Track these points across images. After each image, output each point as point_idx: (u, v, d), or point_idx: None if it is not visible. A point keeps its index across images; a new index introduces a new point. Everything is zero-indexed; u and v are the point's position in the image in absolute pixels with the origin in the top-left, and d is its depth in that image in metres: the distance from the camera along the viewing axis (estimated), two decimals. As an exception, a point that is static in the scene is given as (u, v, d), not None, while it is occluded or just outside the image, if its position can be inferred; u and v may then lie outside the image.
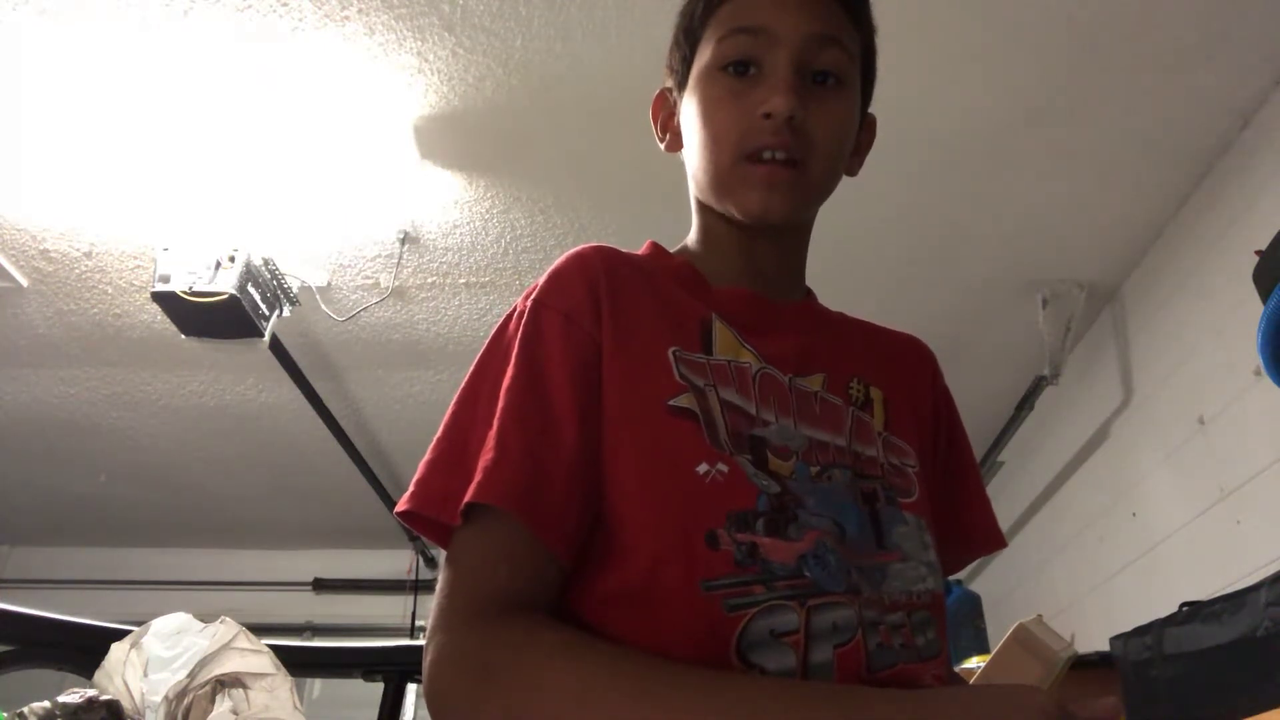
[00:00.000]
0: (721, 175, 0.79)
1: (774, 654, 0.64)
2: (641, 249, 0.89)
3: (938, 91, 2.15)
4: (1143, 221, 2.56)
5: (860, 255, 2.66)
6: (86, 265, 2.80)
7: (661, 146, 0.91)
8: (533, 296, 0.75)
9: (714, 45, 0.81)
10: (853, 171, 0.90)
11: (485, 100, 2.20)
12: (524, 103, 2.21)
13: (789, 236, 0.86)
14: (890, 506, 0.76)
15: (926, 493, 0.81)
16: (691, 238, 0.90)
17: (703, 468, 0.67)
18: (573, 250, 0.79)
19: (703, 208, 0.87)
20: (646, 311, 0.76)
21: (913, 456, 0.81)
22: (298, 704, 0.96)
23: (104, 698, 0.88)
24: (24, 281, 2.85)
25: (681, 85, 0.86)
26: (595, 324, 0.73)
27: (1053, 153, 2.34)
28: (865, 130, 0.92)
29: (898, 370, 0.88)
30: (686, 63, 0.85)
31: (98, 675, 0.95)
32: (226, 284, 2.45)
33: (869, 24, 0.89)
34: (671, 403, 0.70)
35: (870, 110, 0.94)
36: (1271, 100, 2.14)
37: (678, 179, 0.91)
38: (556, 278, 0.76)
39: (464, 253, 2.75)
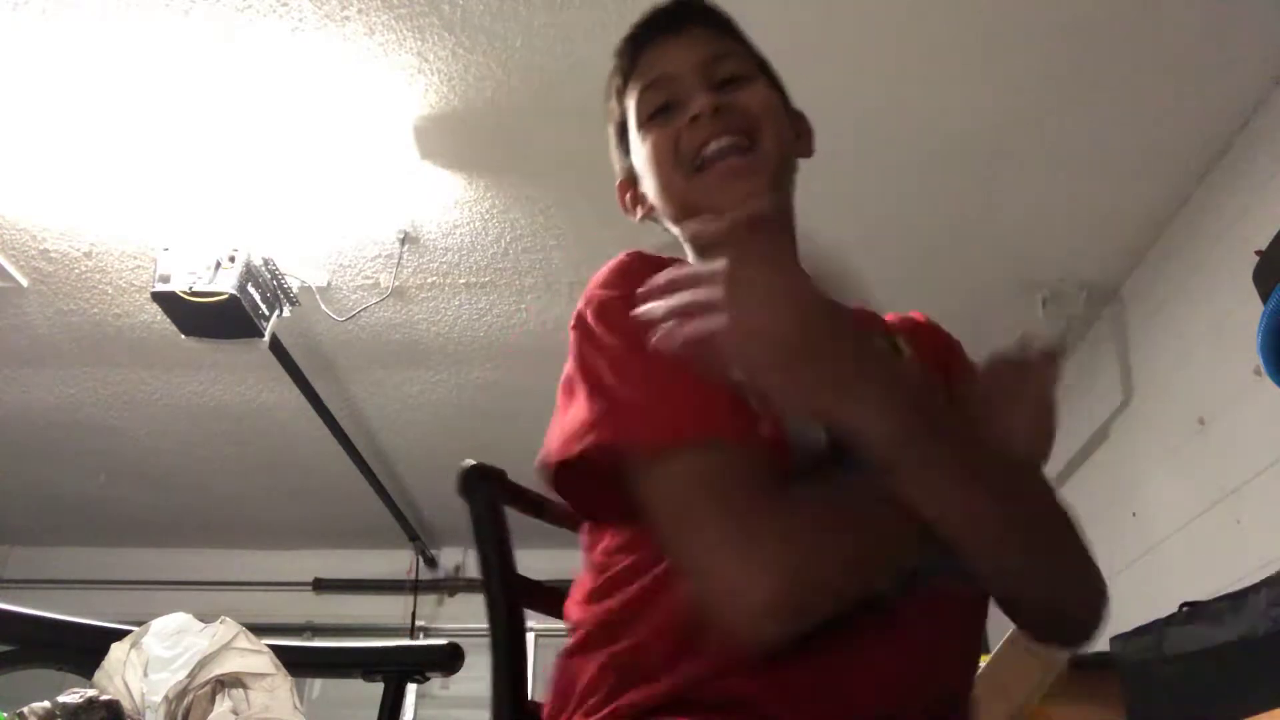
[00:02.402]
0: (684, 195, 0.86)
1: None
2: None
3: (938, 91, 2.15)
4: (1143, 221, 2.56)
5: (860, 256, 2.65)
6: (86, 265, 2.80)
7: (636, 221, 0.96)
8: (595, 289, 0.81)
9: (635, 112, 0.89)
10: (806, 153, 0.95)
11: (485, 100, 2.20)
12: (524, 103, 2.21)
13: (771, 236, 0.87)
14: None
15: None
16: None
17: (763, 427, 0.77)
18: (618, 257, 0.85)
19: (697, 250, 0.90)
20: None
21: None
22: (298, 704, 0.96)
23: (104, 698, 0.88)
24: (24, 281, 2.85)
25: (630, 167, 0.94)
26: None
27: (1053, 153, 2.33)
28: (798, 120, 0.96)
29: (932, 340, 0.90)
30: (627, 147, 0.93)
31: (98, 675, 0.95)
32: (226, 284, 2.45)
33: (747, 40, 0.96)
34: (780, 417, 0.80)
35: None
36: (1271, 100, 2.14)
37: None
38: (614, 271, 0.82)
39: (464, 253, 2.75)
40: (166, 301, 2.48)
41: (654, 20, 0.92)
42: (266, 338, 2.65)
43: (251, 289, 2.53)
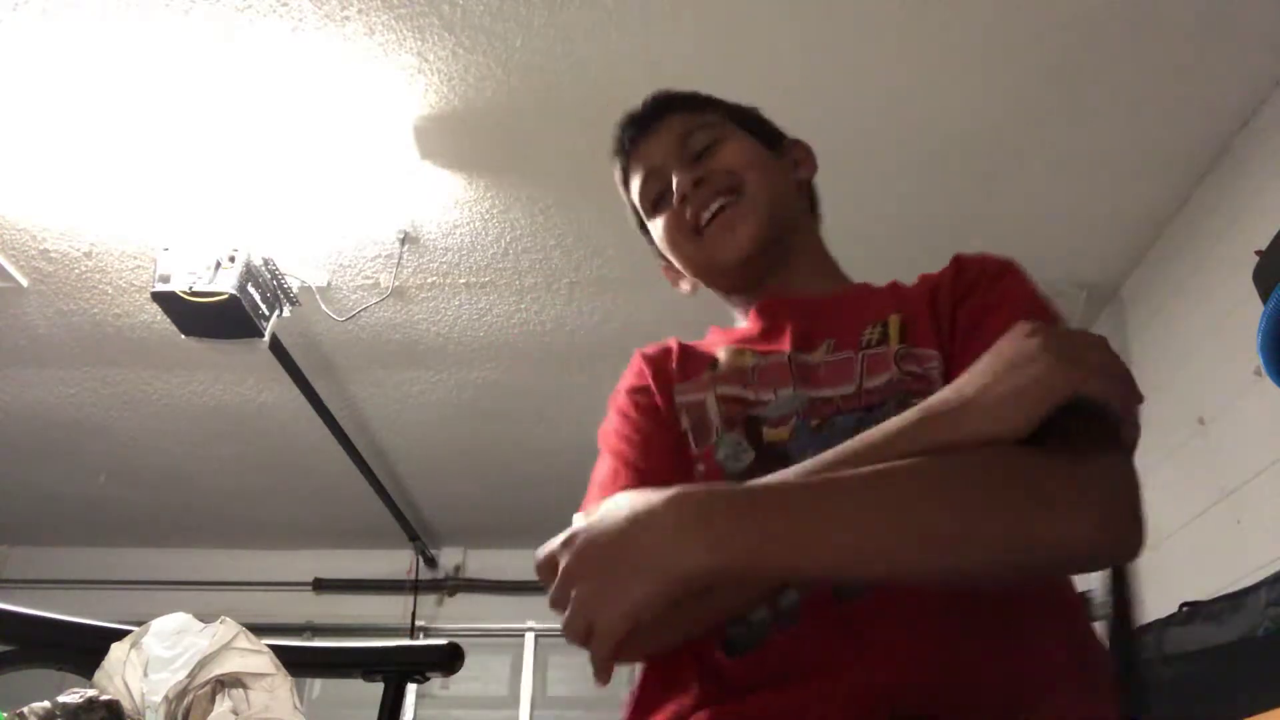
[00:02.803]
0: (697, 263, 0.99)
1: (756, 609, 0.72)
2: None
3: (938, 92, 2.15)
4: (1143, 221, 2.56)
5: (860, 256, 2.65)
6: (86, 265, 2.80)
7: (687, 291, 1.09)
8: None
9: (640, 207, 1.05)
10: (808, 175, 1.05)
11: (485, 100, 2.20)
12: (524, 103, 2.21)
13: (785, 261, 0.98)
14: (901, 409, 0.75)
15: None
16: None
17: (696, 469, 0.84)
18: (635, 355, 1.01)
19: (734, 304, 1.05)
20: (667, 374, 0.94)
21: (936, 359, 0.82)
22: (298, 704, 0.96)
23: (104, 698, 0.88)
24: (24, 281, 2.85)
25: (658, 250, 1.07)
26: (645, 394, 0.94)
27: (1053, 153, 2.33)
28: (792, 149, 1.06)
29: (925, 292, 0.90)
30: (648, 233, 1.07)
31: (98, 675, 0.95)
32: (226, 284, 2.44)
33: (722, 106, 1.06)
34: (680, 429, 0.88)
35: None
36: (1270, 101, 2.14)
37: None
38: (625, 373, 0.99)
39: (464, 253, 2.75)
40: (166, 301, 2.48)
41: (630, 124, 1.07)
42: (266, 338, 2.65)
43: (251, 289, 2.53)
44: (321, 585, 4.78)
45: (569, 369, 3.31)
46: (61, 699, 0.86)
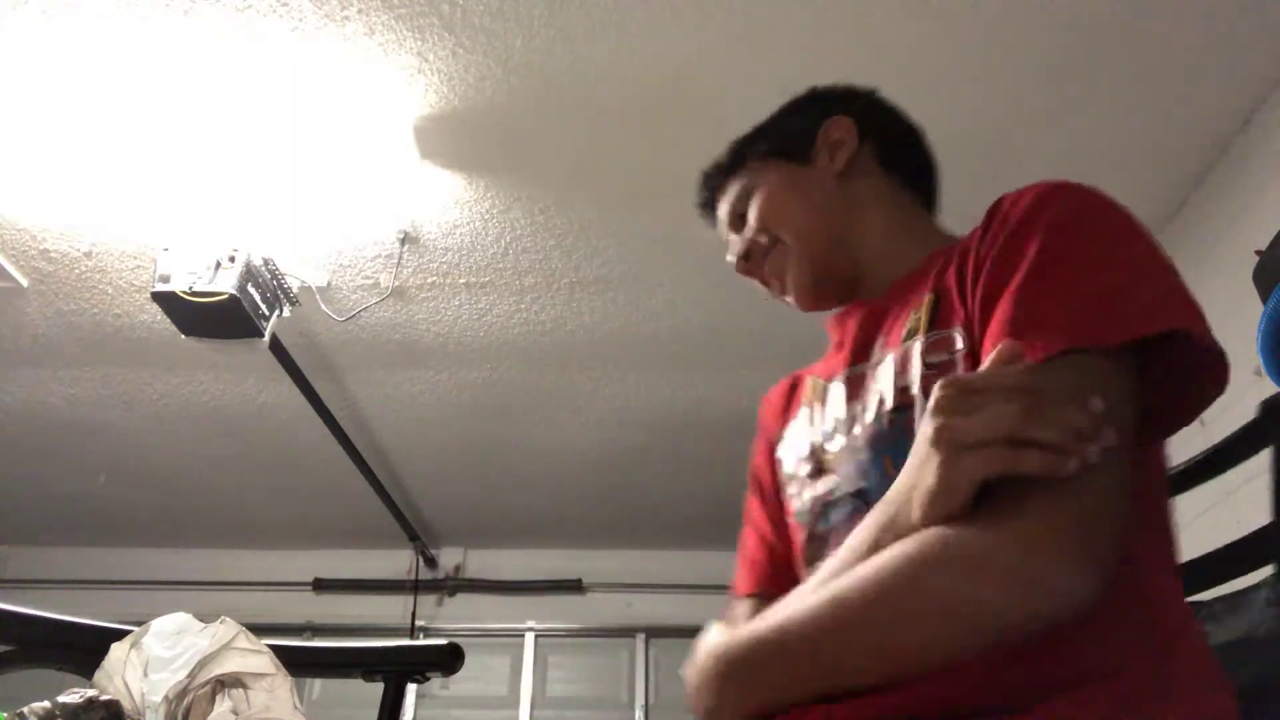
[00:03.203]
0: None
1: None
2: None
3: (937, 92, 2.15)
4: (1143, 221, 2.55)
5: (860, 255, 2.66)
6: (86, 265, 2.80)
7: None
8: None
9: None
10: (839, 165, 1.02)
11: (485, 100, 2.20)
12: (524, 103, 2.21)
13: (844, 274, 0.98)
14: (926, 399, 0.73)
15: (974, 364, 0.75)
16: None
17: (790, 521, 0.92)
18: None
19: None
20: (775, 419, 1.01)
21: (959, 339, 0.76)
22: (298, 704, 0.96)
23: (104, 698, 0.88)
24: (24, 281, 2.85)
25: None
26: (759, 453, 1.02)
27: (1053, 153, 2.33)
28: (827, 135, 1.03)
29: (964, 253, 0.81)
30: None
31: (98, 675, 0.95)
32: (226, 284, 2.44)
33: (744, 149, 1.07)
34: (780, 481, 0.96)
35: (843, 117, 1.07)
36: (1271, 101, 2.14)
37: (677, 178, 0.93)
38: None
39: (464, 253, 2.75)
40: (166, 301, 2.48)
41: (699, 198, 1.12)
42: (266, 338, 2.65)
43: (251, 289, 2.52)
44: (321, 585, 4.78)
45: (569, 369, 3.31)
46: (61, 699, 0.86)
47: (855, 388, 0.86)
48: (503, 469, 4.04)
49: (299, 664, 1.09)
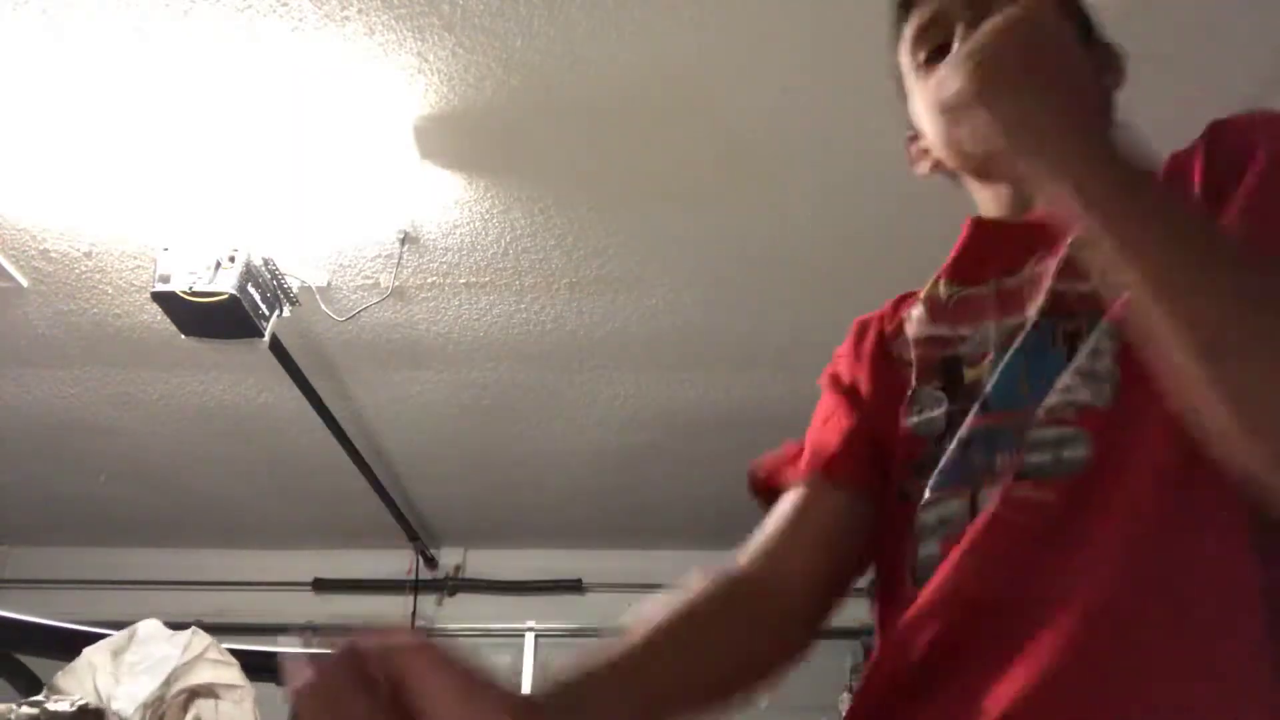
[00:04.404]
0: (950, 140, 0.82)
1: (924, 563, 0.69)
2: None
3: (938, 91, 2.15)
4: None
5: (859, 256, 2.66)
6: (86, 265, 2.79)
7: (923, 173, 1.00)
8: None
9: (909, 57, 0.95)
10: (1115, 85, 0.97)
11: (485, 100, 2.20)
12: (524, 103, 2.20)
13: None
14: (1093, 331, 0.68)
15: None
16: None
17: (901, 434, 0.78)
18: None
19: (979, 192, 0.94)
20: (883, 329, 0.88)
21: None
22: (257, 716, 0.97)
23: (94, 706, 0.88)
24: (24, 281, 2.85)
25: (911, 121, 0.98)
26: (852, 363, 0.88)
27: (1053, 153, 2.33)
28: (1101, 50, 0.97)
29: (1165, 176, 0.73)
30: (907, 100, 0.96)
31: (62, 678, 0.95)
32: (226, 284, 2.44)
33: None
34: (905, 388, 0.80)
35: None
36: (1271, 100, 2.14)
37: (676, 178, 0.92)
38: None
39: (464, 253, 2.75)
40: (166, 301, 2.48)
41: None
42: (266, 338, 2.65)
43: (251, 289, 2.52)
44: (321, 585, 4.78)
45: (569, 369, 3.31)
46: (50, 706, 0.86)
47: (1007, 301, 0.77)
48: (503, 469, 4.04)
49: (266, 669, 1.08)
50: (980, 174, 0.88)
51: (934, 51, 0.86)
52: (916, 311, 0.83)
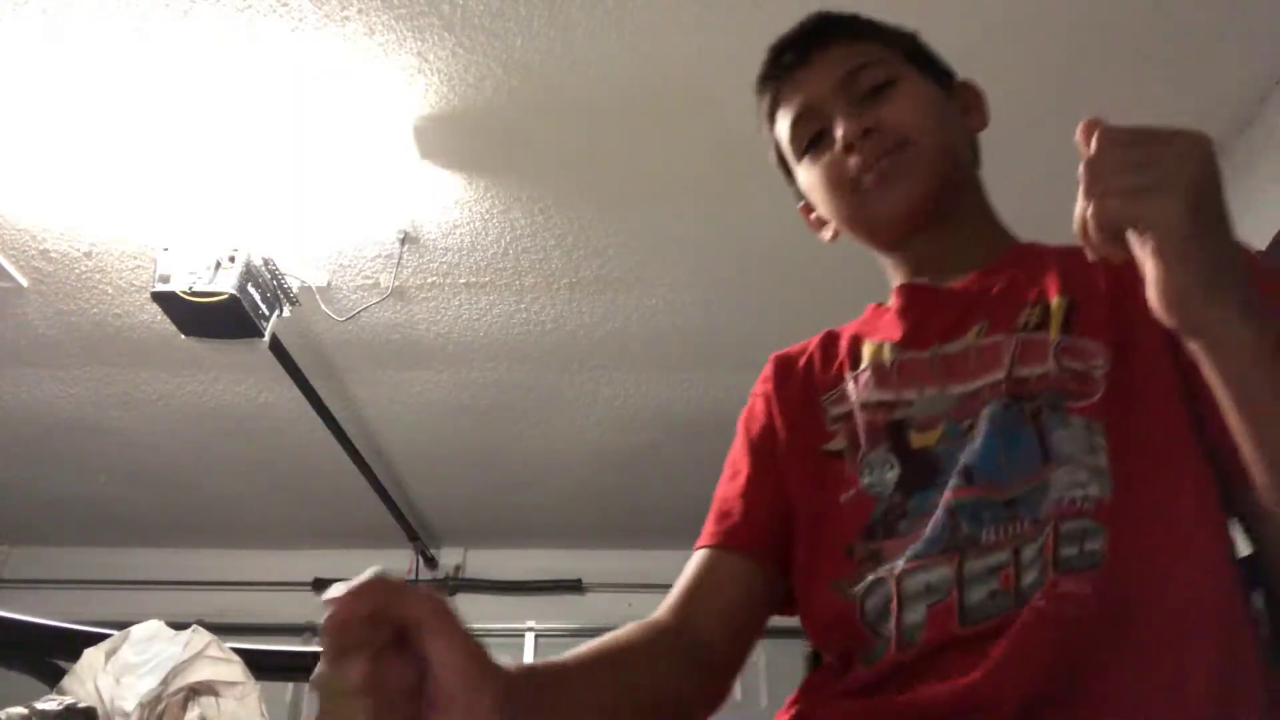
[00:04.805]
0: (853, 214, 0.89)
1: (883, 623, 0.73)
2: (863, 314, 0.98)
3: (938, 91, 2.15)
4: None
5: (859, 255, 2.66)
6: (86, 265, 2.79)
7: (828, 238, 1.00)
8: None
9: (789, 145, 0.93)
10: (976, 126, 0.98)
11: (485, 100, 2.20)
12: (524, 103, 2.20)
13: (947, 219, 0.89)
14: (1056, 414, 0.73)
15: (1138, 391, 0.73)
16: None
17: (843, 496, 0.81)
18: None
19: (884, 258, 0.96)
20: (810, 379, 0.91)
21: (1101, 356, 0.75)
22: (264, 712, 0.97)
23: (82, 705, 0.88)
24: (24, 281, 2.85)
25: (800, 191, 0.98)
26: (771, 407, 0.93)
27: (1053, 152, 2.33)
28: (962, 92, 0.98)
29: (1109, 268, 0.77)
30: (790, 174, 0.97)
31: (68, 680, 0.95)
32: (226, 284, 2.44)
33: (886, 32, 0.95)
34: (825, 447, 0.85)
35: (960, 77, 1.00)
36: (1271, 100, 2.14)
37: (676, 178, 0.92)
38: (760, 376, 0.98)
39: (464, 253, 2.75)
40: (166, 301, 2.48)
41: (783, 53, 0.94)
42: (266, 338, 2.65)
43: (251, 289, 2.52)
44: (321, 585, 4.76)
45: (569, 369, 3.31)
46: (40, 705, 0.86)
47: (950, 368, 0.80)
48: (503, 469, 4.04)
49: (284, 668, 1.08)
50: (889, 245, 0.93)
51: (811, 140, 0.90)
52: (865, 376, 0.85)
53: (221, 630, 1.00)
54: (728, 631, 0.83)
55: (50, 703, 0.87)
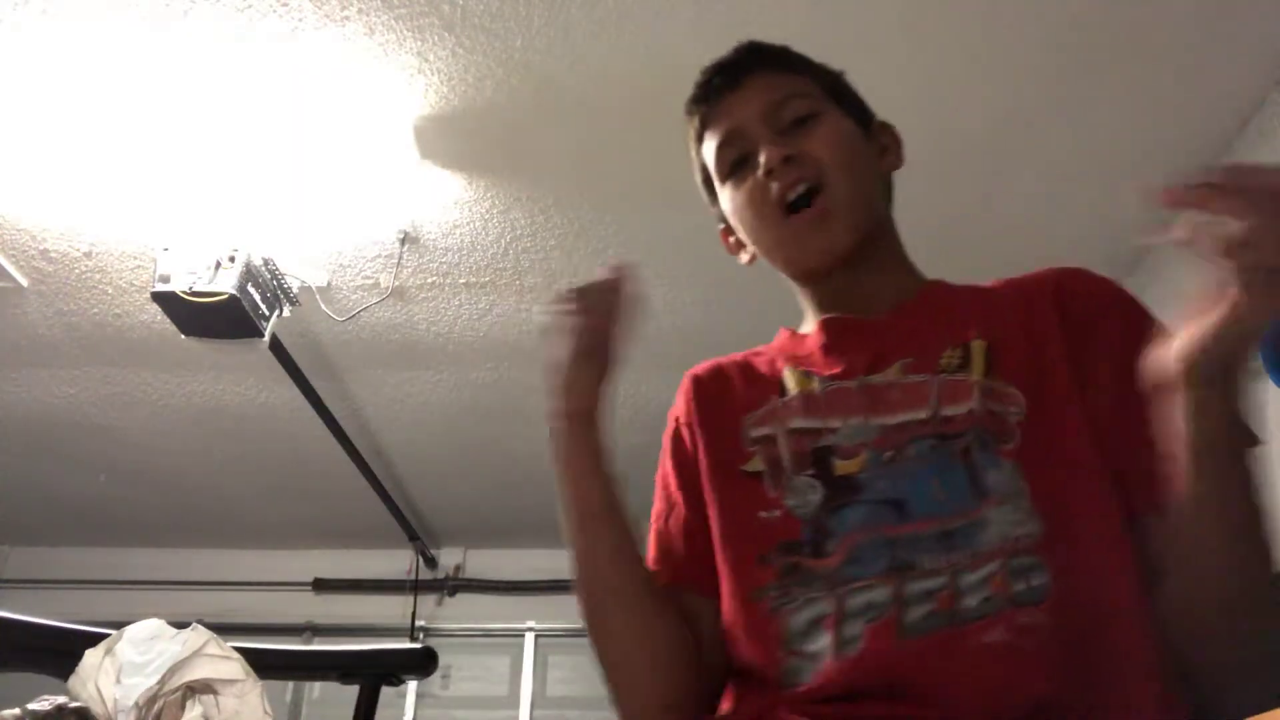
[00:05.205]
0: (775, 239, 0.93)
1: (813, 638, 0.75)
2: (776, 339, 1.01)
3: (938, 92, 2.15)
4: (1142, 222, 2.55)
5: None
6: (86, 265, 2.80)
7: (745, 263, 1.03)
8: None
9: (714, 167, 0.97)
10: (892, 166, 0.99)
11: (485, 100, 2.20)
12: (524, 103, 2.21)
13: (866, 258, 0.92)
14: (986, 453, 0.78)
15: (1048, 436, 0.79)
16: (806, 316, 1.01)
17: (763, 514, 0.83)
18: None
19: (797, 285, 0.99)
20: (730, 400, 0.94)
21: (1018, 402, 0.80)
22: (268, 709, 0.96)
23: (73, 705, 0.88)
24: (24, 281, 2.85)
25: (722, 215, 1.01)
26: (690, 428, 0.96)
27: (1053, 153, 2.33)
28: (880, 134, 1.00)
29: (1017, 315, 0.86)
30: (714, 196, 1.01)
31: (72, 681, 0.94)
32: (226, 284, 2.44)
33: (815, 68, 0.99)
34: (744, 468, 0.87)
35: (880, 118, 1.01)
36: (1271, 101, 2.14)
37: (676, 178, 0.93)
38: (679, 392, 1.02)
39: (464, 253, 2.75)
40: (166, 301, 2.48)
41: (714, 76, 0.97)
42: (266, 338, 2.65)
43: (251, 289, 2.52)
44: (321, 585, 4.78)
45: (569, 369, 3.31)
46: (31, 706, 0.86)
47: (875, 399, 0.84)
48: (503, 469, 4.04)
49: (280, 667, 1.09)
50: (807, 278, 0.96)
51: (734, 163, 0.94)
52: (793, 403, 0.88)
53: (222, 630, 1.00)
54: (710, 665, 0.86)
55: (43, 703, 0.87)
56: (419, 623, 4.70)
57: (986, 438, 0.78)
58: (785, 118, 0.91)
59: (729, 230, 1.02)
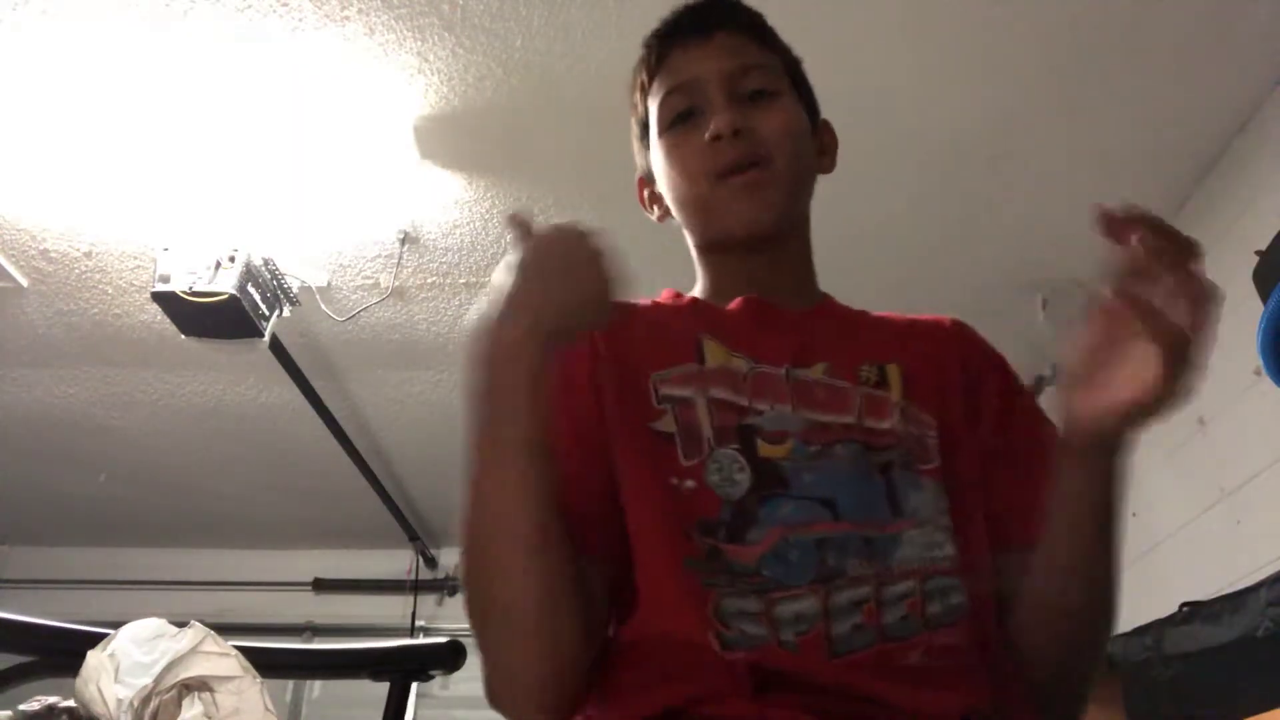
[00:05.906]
0: (703, 201, 0.88)
1: (750, 623, 0.71)
2: (660, 296, 0.95)
3: (938, 91, 2.15)
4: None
5: (859, 256, 2.66)
6: (86, 265, 2.80)
7: (655, 219, 0.99)
8: None
9: (656, 115, 0.91)
10: (826, 169, 0.97)
11: (485, 100, 2.20)
12: (524, 103, 2.21)
13: (783, 247, 0.91)
14: (907, 472, 0.79)
15: (953, 462, 0.82)
16: (699, 287, 0.96)
17: (674, 480, 0.77)
18: None
19: (704, 255, 0.95)
20: (639, 346, 0.84)
21: (933, 427, 0.83)
22: (269, 705, 0.96)
23: (64, 704, 0.88)
24: (24, 281, 2.85)
25: (649, 166, 0.96)
26: (591, 372, 0.83)
27: (1053, 152, 2.33)
28: (823, 132, 0.98)
29: (921, 347, 0.89)
30: (648, 144, 0.95)
31: (77, 683, 0.94)
32: (226, 284, 2.44)
33: (781, 47, 0.95)
34: (653, 425, 0.79)
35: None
36: (1270, 101, 2.14)
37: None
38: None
39: (464, 253, 2.75)
40: (166, 301, 2.48)
41: (683, 20, 0.93)
42: (266, 338, 2.65)
43: (251, 289, 2.52)
44: (321, 585, 4.78)
45: (569, 369, 3.31)
46: (22, 706, 0.86)
47: (802, 393, 0.81)
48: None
49: (304, 666, 1.08)
50: (723, 247, 0.91)
51: (680, 115, 0.89)
52: (713, 372, 0.82)
53: (222, 630, 1.00)
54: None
55: (33, 704, 0.87)
56: (419, 623, 4.71)
57: (909, 458, 0.80)
58: (745, 87, 0.88)
59: (646, 182, 0.98)
